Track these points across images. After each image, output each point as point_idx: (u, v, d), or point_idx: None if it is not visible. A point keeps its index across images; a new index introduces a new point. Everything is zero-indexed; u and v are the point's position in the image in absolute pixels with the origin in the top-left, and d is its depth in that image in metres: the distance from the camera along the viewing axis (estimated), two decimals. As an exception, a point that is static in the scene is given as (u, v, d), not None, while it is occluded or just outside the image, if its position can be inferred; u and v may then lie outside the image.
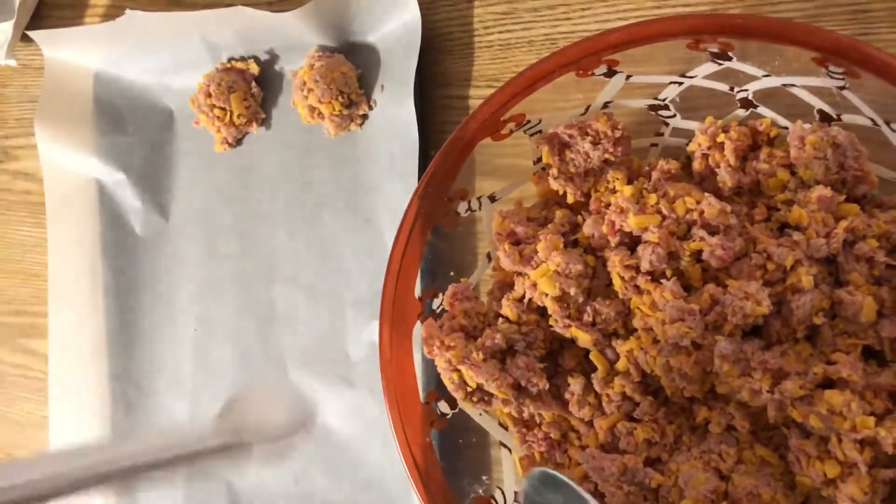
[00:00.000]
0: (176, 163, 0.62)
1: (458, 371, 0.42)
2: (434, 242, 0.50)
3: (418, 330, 0.44)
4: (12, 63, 0.67)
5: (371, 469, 0.54)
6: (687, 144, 0.44)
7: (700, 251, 0.40)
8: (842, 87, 0.38)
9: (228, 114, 0.57)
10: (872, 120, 0.38)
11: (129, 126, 0.63)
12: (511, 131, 0.43)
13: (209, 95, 0.57)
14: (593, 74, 0.41)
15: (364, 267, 0.55)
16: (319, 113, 0.54)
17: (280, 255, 0.58)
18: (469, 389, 0.43)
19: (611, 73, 0.41)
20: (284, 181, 0.58)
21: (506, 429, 0.47)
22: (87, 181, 0.63)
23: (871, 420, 0.37)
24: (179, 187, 0.61)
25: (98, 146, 0.63)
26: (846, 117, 0.40)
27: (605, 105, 0.44)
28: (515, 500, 0.44)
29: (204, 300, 0.60)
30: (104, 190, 0.63)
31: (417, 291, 0.44)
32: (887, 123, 0.38)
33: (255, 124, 0.58)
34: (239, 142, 0.59)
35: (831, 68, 0.37)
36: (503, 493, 0.44)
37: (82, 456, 0.37)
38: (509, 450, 0.46)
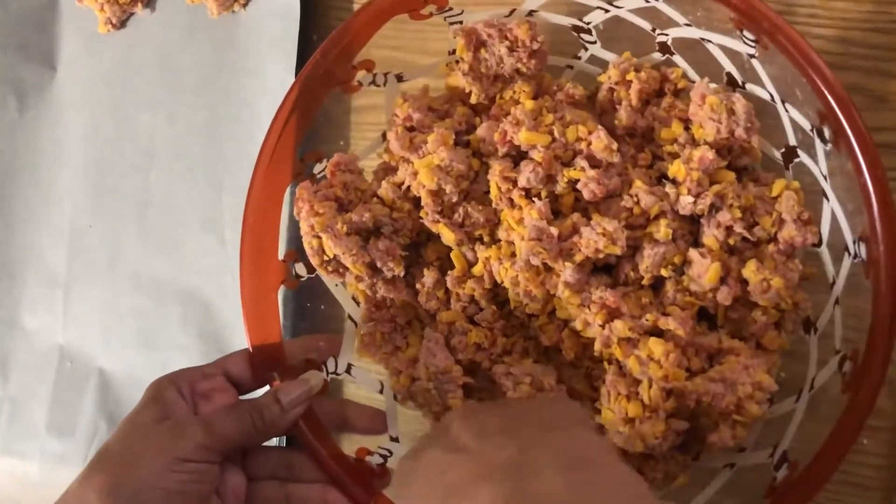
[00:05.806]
0: (59, 43, 0.59)
1: (319, 238, 0.42)
2: (333, 110, 0.50)
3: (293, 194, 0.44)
4: None
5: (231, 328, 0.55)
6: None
7: (577, 181, 0.41)
8: (752, 56, 0.38)
9: None
10: (771, 95, 0.39)
11: (12, 2, 0.60)
12: (431, 13, 0.42)
13: None
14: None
15: (244, 152, 0.54)
16: (201, -11, 0.52)
17: (160, 140, 0.57)
18: (325, 258, 0.43)
19: (540, -22, 0.40)
20: (166, 65, 0.57)
21: (358, 305, 0.47)
22: None
23: (683, 374, 0.39)
24: (62, 69, 0.60)
25: None
26: (750, 87, 0.40)
27: (531, 13, 0.43)
28: (346, 371, 0.45)
29: (82, 186, 0.59)
30: None
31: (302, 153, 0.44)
32: (783, 102, 0.38)
33: (139, 4, 0.56)
34: (123, 23, 0.57)
35: (746, 33, 0.37)
36: (336, 361, 0.45)
37: None
38: (355, 324, 0.47)
